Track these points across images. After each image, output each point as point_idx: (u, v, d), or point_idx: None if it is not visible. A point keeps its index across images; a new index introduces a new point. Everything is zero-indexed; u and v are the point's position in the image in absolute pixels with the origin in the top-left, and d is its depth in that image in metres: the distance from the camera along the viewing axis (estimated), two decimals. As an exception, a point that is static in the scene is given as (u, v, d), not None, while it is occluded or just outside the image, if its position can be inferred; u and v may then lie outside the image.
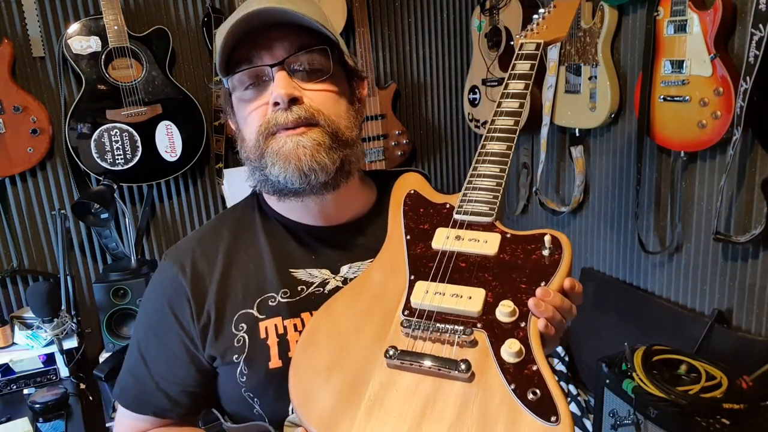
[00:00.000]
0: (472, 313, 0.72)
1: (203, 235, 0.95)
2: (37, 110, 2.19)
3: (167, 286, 0.90)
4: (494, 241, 0.78)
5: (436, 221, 0.84)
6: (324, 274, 0.90)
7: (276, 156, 0.83)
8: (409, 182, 0.92)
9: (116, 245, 2.40)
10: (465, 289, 0.74)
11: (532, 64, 0.97)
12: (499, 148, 0.87)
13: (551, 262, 0.75)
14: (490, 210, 0.81)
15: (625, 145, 2.14)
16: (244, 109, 0.87)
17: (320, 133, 0.83)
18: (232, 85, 0.87)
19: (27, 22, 2.19)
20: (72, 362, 2.07)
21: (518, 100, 0.92)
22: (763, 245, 1.73)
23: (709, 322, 1.85)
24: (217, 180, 2.52)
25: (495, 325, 0.70)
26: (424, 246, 0.81)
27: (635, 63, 2.02)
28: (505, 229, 0.80)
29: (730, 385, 1.53)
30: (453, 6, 2.80)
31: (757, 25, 1.55)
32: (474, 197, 0.83)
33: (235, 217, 0.97)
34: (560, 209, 2.45)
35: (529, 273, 0.75)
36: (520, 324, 0.70)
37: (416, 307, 0.74)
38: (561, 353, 2.35)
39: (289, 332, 0.85)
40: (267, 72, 0.83)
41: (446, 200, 0.87)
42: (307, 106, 0.83)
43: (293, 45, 0.83)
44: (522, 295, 0.72)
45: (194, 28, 2.41)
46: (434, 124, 2.89)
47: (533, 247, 0.77)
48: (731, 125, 1.66)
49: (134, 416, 0.92)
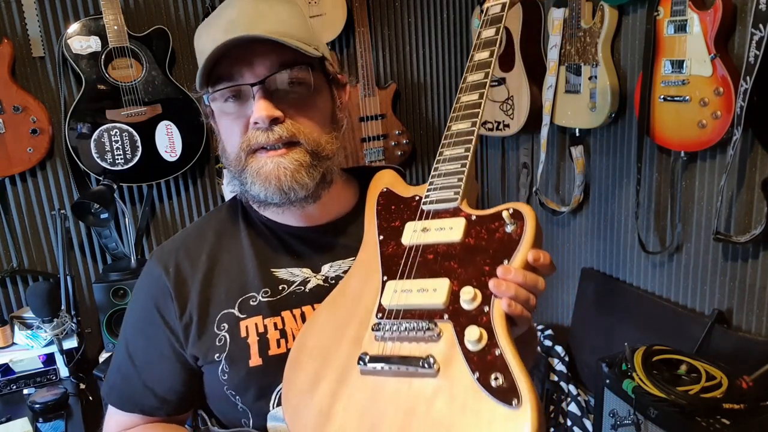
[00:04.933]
0: (437, 305, 0.72)
1: (188, 237, 0.97)
2: (37, 110, 2.19)
3: (153, 286, 0.92)
4: (459, 227, 0.77)
5: (406, 216, 0.83)
6: (305, 273, 0.91)
7: (256, 175, 0.84)
8: (383, 181, 0.91)
9: (116, 245, 2.40)
10: (430, 282, 0.74)
11: (497, 28, 0.91)
12: (464, 127, 0.84)
13: (513, 237, 0.73)
14: (454, 195, 0.80)
15: (625, 145, 2.14)
16: (225, 120, 0.87)
17: (301, 153, 0.84)
18: (212, 96, 0.86)
19: (27, 22, 2.19)
20: (72, 362, 2.08)
21: (483, 70, 0.87)
22: (763, 245, 1.73)
23: (709, 322, 1.84)
24: (217, 180, 2.52)
25: (460, 313, 0.70)
26: (395, 244, 0.81)
27: (635, 63, 2.02)
28: (471, 211, 0.78)
29: (730, 385, 1.54)
30: (453, 6, 2.80)
31: (757, 25, 1.55)
32: (439, 184, 0.82)
33: (219, 218, 0.98)
34: (560, 209, 2.45)
35: (492, 253, 0.73)
36: (484, 309, 0.69)
37: (387, 308, 0.74)
38: (561, 353, 2.35)
39: (269, 331, 0.87)
40: (247, 90, 0.83)
41: (415, 192, 0.86)
42: (288, 125, 0.83)
43: (274, 63, 0.82)
44: (485, 278, 0.71)
45: (194, 28, 2.40)
46: (434, 124, 2.89)
47: (496, 225, 0.75)
48: (731, 125, 1.66)
49: (122, 414, 0.94)
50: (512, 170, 2.76)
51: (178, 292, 0.90)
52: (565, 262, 2.52)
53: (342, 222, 0.95)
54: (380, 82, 2.70)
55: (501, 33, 0.90)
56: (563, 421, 2.24)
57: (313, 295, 0.90)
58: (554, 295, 2.61)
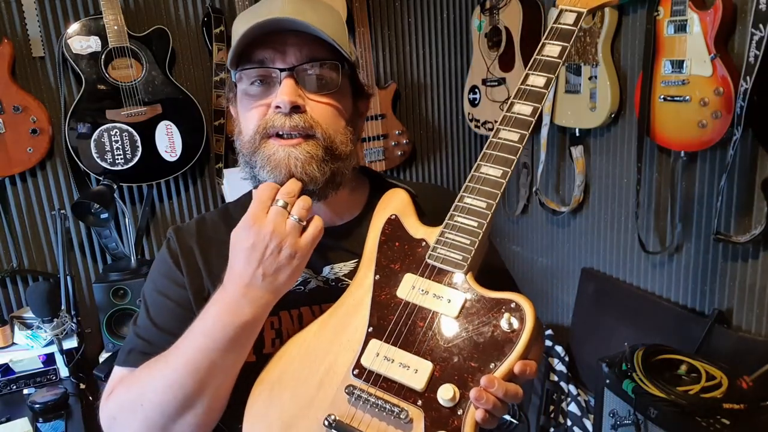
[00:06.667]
0: (415, 387, 0.72)
1: (204, 225, 0.98)
2: (37, 110, 2.19)
3: (171, 256, 0.93)
4: (457, 302, 0.75)
5: (408, 262, 0.82)
6: (306, 273, 0.92)
7: (266, 161, 0.85)
8: (393, 204, 0.90)
9: (116, 245, 2.40)
10: (414, 360, 0.73)
11: (563, 47, 0.86)
12: (494, 173, 0.81)
13: (507, 340, 0.71)
14: (462, 260, 0.78)
15: (625, 145, 2.14)
16: (247, 102, 0.88)
17: (315, 146, 0.85)
18: (238, 76, 0.88)
19: (27, 22, 2.19)
20: (72, 362, 2.07)
21: (532, 103, 0.84)
22: (763, 245, 1.73)
23: (709, 322, 1.84)
24: (217, 180, 2.52)
25: (434, 406, 0.70)
26: (389, 292, 0.80)
27: (635, 63, 2.02)
28: (473, 286, 0.76)
29: (730, 385, 1.54)
30: (453, 6, 2.79)
31: (757, 25, 1.55)
32: (451, 239, 0.80)
33: (235, 214, 0.99)
34: (560, 209, 2.45)
35: (482, 349, 0.72)
36: (458, 411, 0.69)
37: (366, 368, 0.75)
38: (561, 353, 2.35)
39: (266, 330, 0.88)
40: (276, 75, 0.85)
41: (424, 236, 0.84)
42: (308, 116, 0.84)
43: (306, 54, 0.84)
44: (468, 376, 0.71)
45: (194, 28, 2.41)
46: (434, 124, 2.89)
47: (494, 316, 0.73)
48: (731, 125, 1.66)
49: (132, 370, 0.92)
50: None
51: (190, 269, 0.91)
52: (565, 262, 2.52)
53: (346, 227, 0.95)
54: (380, 82, 2.70)
55: (565, 55, 0.86)
56: (563, 421, 2.24)
57: (311, 296, 0.90)
58: (554, 295, 2.61)
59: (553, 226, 2.56)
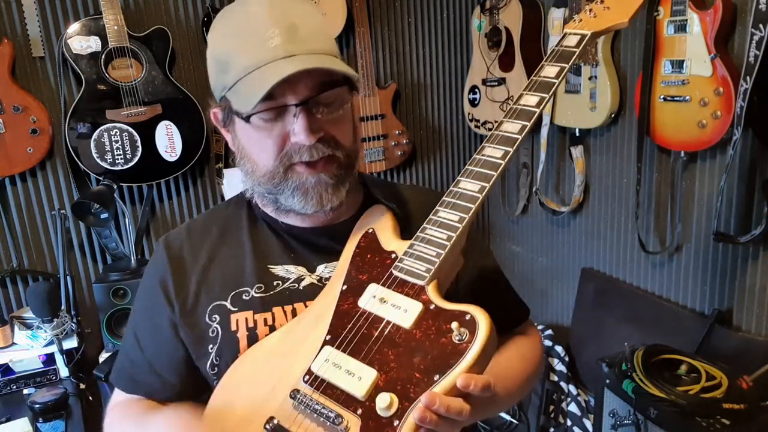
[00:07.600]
0: (356, 395, 0.72)
1: (193, 228, 1.01)
2: (37, 110, 2.19)
3: (159, 266, 0.96)
4: (413, 312, 0.75)
5: (375, 273, 0.83)
6: (301, 270, 0.94)
7: (297, 190, 0.86)
8: (372, 218, 0.92)
9: (116, 245, 2.40)
10: (359, 367, 0.73)
11: (561, 68, 0.86)
12: (472, 188, 0.81)
13: (455, 352, 0.70)
14: (425, 271, 0.78)
15: (625, 145, 2.14)
16: (258, 135, 0.86)
17: (338, 166, 0.87)
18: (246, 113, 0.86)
19: (27, 22, 2.19)
20: (72, 362, 2.08)
21: (521, 122, 0.84)
22: (763, 245, 1.73)
23: (709, 322, 1.84)
24: (217, 180, 2.52)
25: (372, 416, 0.70)
26: (352, 302, 0.81)
27: (635, 63, 2.02)
28: (433, 298, 0.76)
29: (730, 385, 1.54)
30: (453, 6, 2.79)
31: (757, 25, 1.55)
32: (418, 251, 0.80)
33: (226, 214, 1.02)
34: (560, 209, 2.45)
35: (429, 360, 0.71)
36: (394, 422, 0.68)
37: (314, 373, 0.76)
38: (561, 353, 2.35)
39: (259, 326, 0.89)
40: (290, 108, 0.84)
41: (396, 248, 0.84)
42: (329, 139, 0.85)
43: (315, 82, 0.83)
44: (411, 387, 0.70)
45: (194, 28, 2.41)
46: (434, 124, 2.89)
47: (447, 328, 0.72)
48: (731, 125, 1.66)
49: (126, 396, 0.98)
50: (512, 170, 2.75)
51: (178, 277, 0.94)
52: (565, 262, 2.52)
53: (341, 226, 0.96)
54: (380, 82, 2.70)
55: (564, 74, 0.85)
56: (563, 421, 2.24)
57: (305, 293, 0.92)
58: (554, 295, 2.61)
59: (553, 226, 2.56)
